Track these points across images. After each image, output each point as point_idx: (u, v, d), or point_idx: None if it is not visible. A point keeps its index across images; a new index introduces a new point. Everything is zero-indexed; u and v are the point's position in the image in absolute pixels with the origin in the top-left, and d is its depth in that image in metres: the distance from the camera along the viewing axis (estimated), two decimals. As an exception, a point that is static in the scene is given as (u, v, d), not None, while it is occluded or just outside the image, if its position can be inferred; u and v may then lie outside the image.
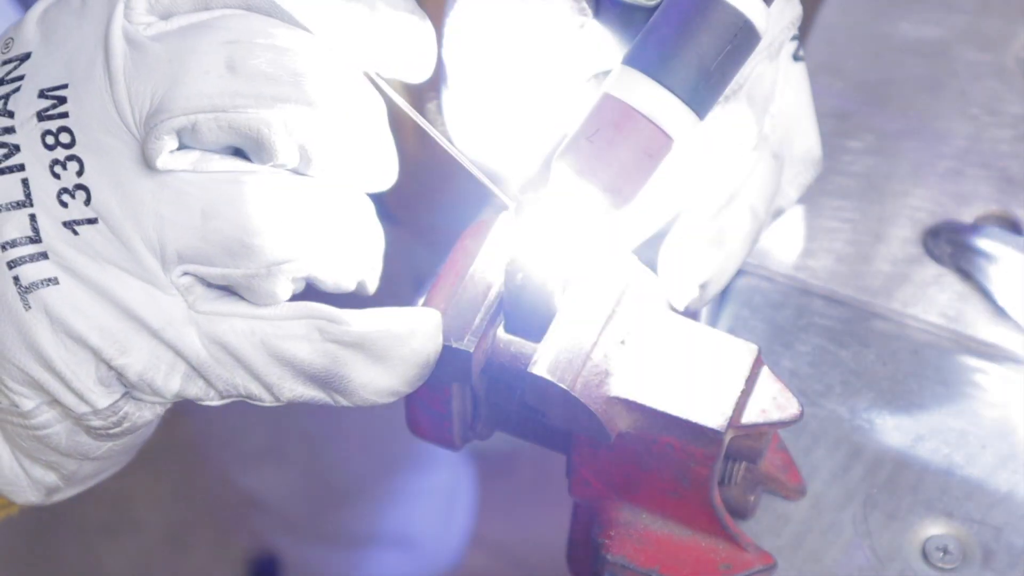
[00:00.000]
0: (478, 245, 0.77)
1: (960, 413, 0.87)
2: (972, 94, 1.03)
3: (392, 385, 0.70)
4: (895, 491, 0.84)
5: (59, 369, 0.67)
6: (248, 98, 0.64)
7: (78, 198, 0.65)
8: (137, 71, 0.64)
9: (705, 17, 0.70)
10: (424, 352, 0.70)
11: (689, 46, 0.70)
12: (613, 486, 0.76)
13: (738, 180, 0.80)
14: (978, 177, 0.98)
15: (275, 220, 0.65)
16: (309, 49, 0.65)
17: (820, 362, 0.90)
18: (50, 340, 0.67)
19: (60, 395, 0.68)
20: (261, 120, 0.64)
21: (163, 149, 0.64)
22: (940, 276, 0.94)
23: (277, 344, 0.67)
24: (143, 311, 0.66)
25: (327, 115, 0.65)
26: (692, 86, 0.71)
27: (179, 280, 0.66)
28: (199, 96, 0.63)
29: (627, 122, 0.71)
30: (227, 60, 0.64)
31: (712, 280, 0.78)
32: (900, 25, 1.07)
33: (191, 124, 0.63)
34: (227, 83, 0.63)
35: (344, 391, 0.69)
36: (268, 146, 0.64)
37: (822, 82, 1.04)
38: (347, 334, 0.68)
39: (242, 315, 0.67)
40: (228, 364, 0.68)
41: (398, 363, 0.69)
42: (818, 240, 0.95)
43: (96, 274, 0.66)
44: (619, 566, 0.76)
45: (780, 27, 0.76)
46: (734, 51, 0.71)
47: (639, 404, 0.72)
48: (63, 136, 0.65)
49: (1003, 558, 0.81)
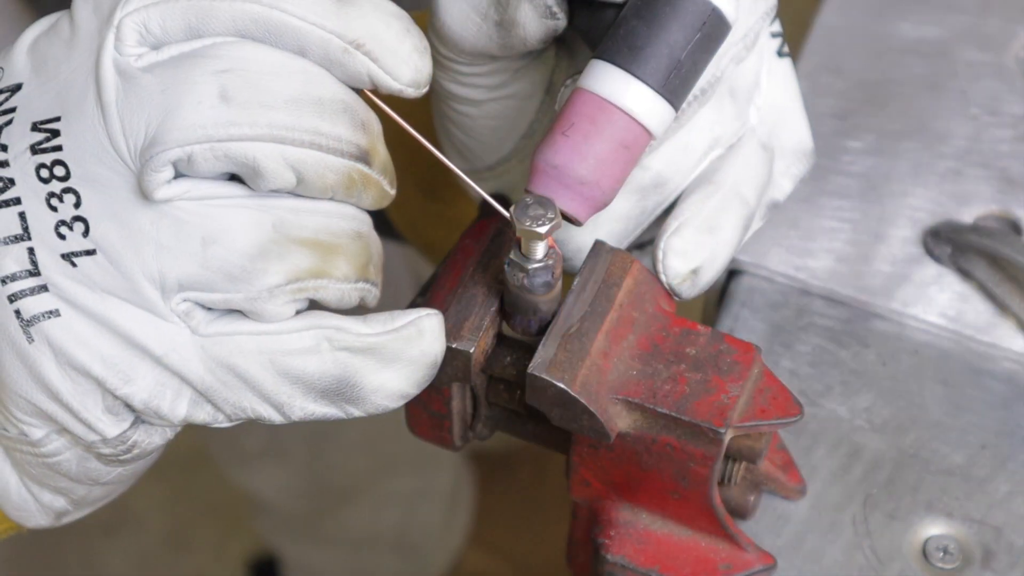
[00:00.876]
0: (478, 245, 0.77)
1: (960, 413, 0.87)
2: (972, 94, 1.03)
3: (403, 388, 0.70)
4: (895, 491, 0.84)
5: (66, 400, 0.67)
6: (243, 127, 0.64)
7: (76, 230, 0.65)
8: (130, 103, 0.64)
9: (673, 7, 0.71)
10: (432, 352, 0.70)
11: (659, 36, 0.71)
12: (613, 486, 0.76)
13: (726, 171, 0.80)
14: (978, 177, 0.98)
15: (275, 242, 0.66)
16: (302, 72, 0.65)
17: (820, 362, 0.90)
18: (55, 372, 0.67)
19: (69, 425, 0.68)
20: (256, 148, 0.64)
21: (160, 181, 0.64)
22: (940, 276, 0.94)
23: (286, 360, 0.67)
24: (145, 339, 0.66)
25: (321, 138, 0.65)
26: (664, 76, 0.71)
27: (179, 307, 0.66)
28: (193, 127, 0.63)
29: (601, 115, 0.71)
30: (220, 89, 0.64)
31: (703, 266, 0.78)
32: (900, 25, 1.07)
33: (187, 155, 0.63)
34: (221, 113, 0.63)
35: (356, 400, 0.69)
36: (264, 173, 0.64)
37: (822, 82, 1.04)
38: (357, 340, 0.68)
39: (247, 332, 0.67)
40: (235, 386, 0.68)
41: (408, 365, 0.69)
42: (818, 240, 0.95)
43: (96, 305, 0.66)
44: (619, 566, 0.76)
45: (755, 17, 0.77)
46: (704, 39, 0.71)
47: (639, 404, 0.72)
48: (58, 169, 0.65)
49: (1003, 558, 0.81)
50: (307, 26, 0.65)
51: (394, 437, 1.77)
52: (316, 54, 0.66)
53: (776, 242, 0.95)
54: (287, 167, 0.65)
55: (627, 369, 0.73)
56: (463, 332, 0.73)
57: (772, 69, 0.81)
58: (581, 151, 0.71)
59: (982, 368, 0.90)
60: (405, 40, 0.67)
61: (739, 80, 0.79)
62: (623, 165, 0.72)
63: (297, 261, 0.66)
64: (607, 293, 0.74)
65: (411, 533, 1.94)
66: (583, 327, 0.73)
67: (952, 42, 1.06)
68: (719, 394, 0.72)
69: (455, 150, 0.86)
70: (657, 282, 0.77)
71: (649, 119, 0.71)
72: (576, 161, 0.71)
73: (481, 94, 0.81)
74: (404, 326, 0.69)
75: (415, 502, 1.92)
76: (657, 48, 0.71)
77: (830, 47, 1.06)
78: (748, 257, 0.94)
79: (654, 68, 0.71)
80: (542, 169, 0.72)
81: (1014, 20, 1.07)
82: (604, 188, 0.71)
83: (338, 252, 0.67)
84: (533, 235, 0.70)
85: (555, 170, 0.71)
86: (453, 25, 0.76)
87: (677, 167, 0.79)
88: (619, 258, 0.76)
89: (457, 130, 0.84)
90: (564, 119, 0.72)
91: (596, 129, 0.71)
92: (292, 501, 1.85)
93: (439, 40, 0.77)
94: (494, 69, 0.79)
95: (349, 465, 1.81)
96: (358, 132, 0.66)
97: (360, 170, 0.67)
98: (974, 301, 0.92)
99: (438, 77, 0.80)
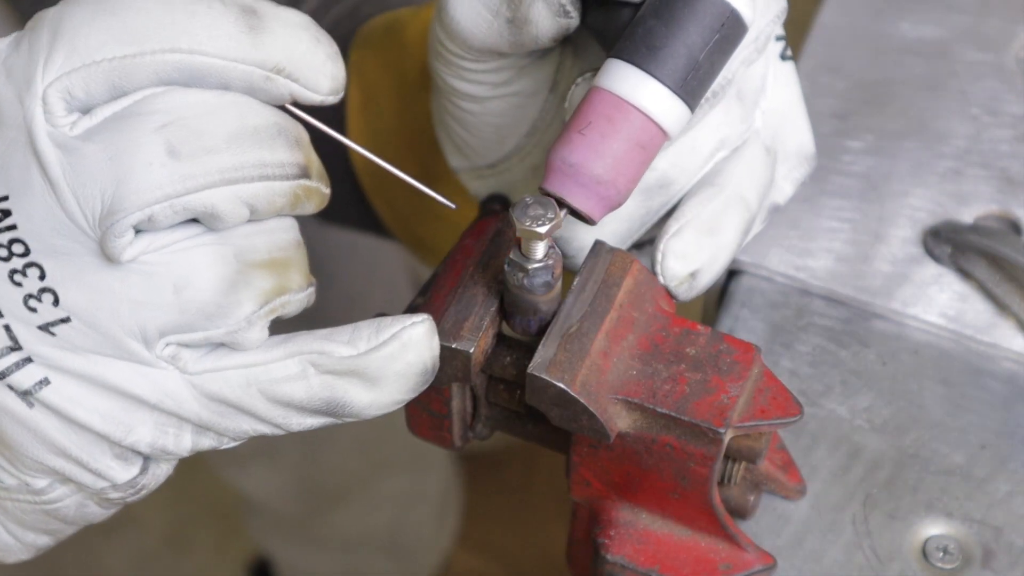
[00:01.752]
0: (478, 245, 0.77)
1: (960, 413, 0.87)
2: (972, 94, 1.03)
3: (395, 399, 0.70)
4: (895, 491, 0.84)
5: (75, 455, 0.69)
6: (196, 178, 0.64)
7: (45, 301, 0.66)
8: (79, 176, 0.64)
9: (692, 8, 0.71)
10: (420, 362, 0.70)
11: (677, 37, 0.71)
12: (613, 486, 0.76)
13: (730, 173, 0.80)
14: (978, 177, 0.98)
15: (239, 272, 0.67)
16: (233, 106, 0.66)
17: (820, 362, 0.90)
18: (59, 430, 0.68)
19: (78, 477, 0.70)
20: (212, 195, 0.65)
21: (124, 245, 0.65)
22: (940, 276, 0.94)
23: (274, 389, 0.68)
24: (137, 390, 0.68)
25: (267, 168, 0.66)
26: (682, 77, 0.71)
27: (163, 352, 0.67)
28: (149, 189, 0.64)
29: (619, 114, 0.71)
30: (166, 146, 0.64)
31: (703, 269, 0.78)
32: (900, 25, 1.07)
33: (147, 216, 0.64)
34: (172, 170, 0.64)
35: (348, 414, 0.70)
36: (221, 215, 0.65)
37: (822, 82, 1.04)
38: (340, 364, 0.68)
39: (234, 367, 0.68)
40: (232, 416, 0.69)
41: (396, 379, 0.69)
42: (818, 240, 0.95)
43: (83, 366, 0.67)
44: (619, 566, 0.76)
45: (766, 20, 0.77)
46: (722, 41, 0.71)
47: (639, 404, 0.72)
48: (16, 247, 0.65)
49: (1003, 558, 0.81)
50: (229, 64, 0.65)
51: (386, 439, 1.77)
52: (239, 87, 0.66)
53: (776, 242, 0.95)
54: (242, 204, 0.66)
55: (627, 369, 0.73)
56: (463, 332, 0.73)
57: (775, 72, 0.81)
58: (598, 150, 0.71)
59: (982, 368, 0.90)
60: (318, 51, 0.67)
61: (747, 83, 0.79)
62: (639, 165, 0.72)
63: (262, 285, 0.67)
64: (607, 293, 0.74)
65: (403, 534, 1.94)
66: (583, 327, 0.73)
67: (952, 42, 1.06)
68: (719, 394, 0.72)
69: (454, 146, 0.86)
70: (657, 282, 0.77)
71: (666, 119, 0.71)
72: (593, 160, 0.71)
73: (485, 91, 0.80)
74: (388, 341, 0.69)
75: (407, 503, 1.92)
76: (676, 48, 0.71)
77: (830, 47, 1.06)
78: (748, 257, 0.94)
79: (672, 69, 0.71)
80: (558, 167, 0.71)
81: (1014, 20, 1.07)
82: (620, 188, 0.71)
83: (291, 266, 0.69)
84: (533, 235, 0.70)
85: (571, 168, 0.71)
86: (463, 21, 0.76)
87: (683, 168, 0.79)
88: (619, 258, 0.76)
89: (458, 126, 0.84)
90: (581, 117, 0.71)
91: (613, 128, 0.71)
92: (284, 503, 1.85)
93: (447, 35, 0.77)
94: (500, 66, 0.79)
95: (341, 467, 1.81)
96: (295, 151, 0.67)
97: (303, 185, 0.68)
98: (974, 301, 0.92)
99: (441, 72, 0.80)
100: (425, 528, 1.99)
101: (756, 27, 0.76)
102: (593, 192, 0.71)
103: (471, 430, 0.81)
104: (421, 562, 2.01)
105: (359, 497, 1.85)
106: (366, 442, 1.78)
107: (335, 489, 1.84)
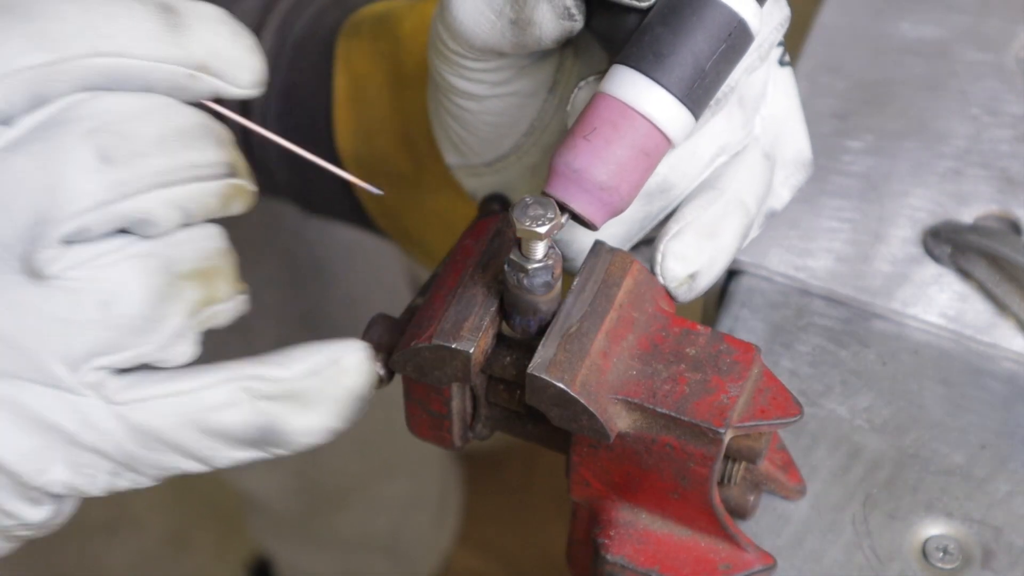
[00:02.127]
0: (478, 245, 0.77)
1: (960, 413, 0.87)
2: (972, 94, 1.03)
3: (329, 425, 0.68)
4: (895, 491, 0.84)
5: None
6: (130, 183, 0.62)
7: None
8: (8, 189, 0.62)
9: (700, 17, 0.71)
10: (356, 387, 0.68)
11: (685, 45, 0.71)
12: (613, 486, 0.76)
13: (730, 178, 0.80)
14: (978, 177, 0.98)
15: (168, 284, 0.65)
16: (158, 109, 0.64)
17: (820, 362, 0.90)
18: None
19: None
20: (146, 200, 0.63)
21: (53, 257, 0.62)
22: (940, 276, 0.94)
23: (205, 417, 0.66)
24: (57, 418, 0.64)
25: (197, 169, 0.64)
26: (688, 85, 0.71)
27: (88, 378, 0.64)
28: (83, 197, 0.62)
29: (624, 121, 0.71)
30: (97, 152, 0.62)
31: (702, 271, 0.78)
32: (900, 25, 1.07)
33: (82, 226, 0.62)
34: (105, 176, 0.62)
35: (280, 443, 0.68)
36: (155, 220, 0.63)
37: (822, 82, 1.04)
38: (275, 388, 0.67)
39: (163, 395, 0.65)
40: (157, 448, 0.66)
41: (332, 404, 0.68)
42: (818, 240, 0.95)
43: (3, 390, 0.64)
44: (619, 566, 0.76)
45: (770, 28, 0.77)
46: (728, 50, 0.71)
47: (639, 404, 0.72)
48: None
49: (1003, 558, 0.81)
50: (152, 65, 0.64)
51: (386, 441, 1.77)
52: (163, 87, 0.65)
53: (776, 242, 0.95)
54: (175, 207, 0.64)
55: (627, 369, 0.73)
56: (463, 332, 0.73)
57: (774, 78, 0.82)
58: (602, 156, 0.71)
59: (982, 368, 0.90)
60: (238, 44, 0.66)
61: (749, 89, 0.79)
62: (642, 172, 0.72)
63: (190, 296, 0.65)
64: (607, 293, 0.74)
65: (402, 535, 1.94)
66: (583, 327, 0.73)
67: (952, 42, 1.06)
68: (719, 394, 0.72)
69: (451, 143, 0.86)
70: (657, 282, 0.77)
71: (671, 127, 0.71)
72: (597, 165, 0.71)
73: (484, 90, 0.80)
74: (325, 364, 0.67)
75: (406, 505, 1.92)
76: (682, 56, 0.71)
77: (830, 47, 1.06)
78: (748, 257, 0.94)
79: (679, 76, 0.71)
80: (561, 172, 0.71)
81: (1014, 20, 1.07)
82: (623, 194, 0.71)
83: (218, 275, 0.67)
84: (533, 235, 0.70)
85: (575, 173, 0.71)
86: (466, 20, 0.75)
87: (683, 173, 0.79)
88: (619, 258, 0.76)
89: (455, 124, 0.84)
90: (585, 123, 0.71)
91: (618, 135, 0.71)
92: (284, 503, 1.85)
93: (448, 34, 0.77)
94: (500, 66, 0.79)
95: (342, 469, 1.81)
96: (221, 149, 0.66)
97: (232, 184, 0.66)
98: (974, 301, 0.92)
99: (441, 69, 0.80)
100: (425, 528, 1.99)
101: (760, 35, 0.76)
102: (596, 198, 0.71)
103: (471, 430, 0.81)
104: (421, 562, 2.01)
105: (359, 499, 1.86)
106: (366, 445, 1.78)
107: (335, 490, 1.84)
